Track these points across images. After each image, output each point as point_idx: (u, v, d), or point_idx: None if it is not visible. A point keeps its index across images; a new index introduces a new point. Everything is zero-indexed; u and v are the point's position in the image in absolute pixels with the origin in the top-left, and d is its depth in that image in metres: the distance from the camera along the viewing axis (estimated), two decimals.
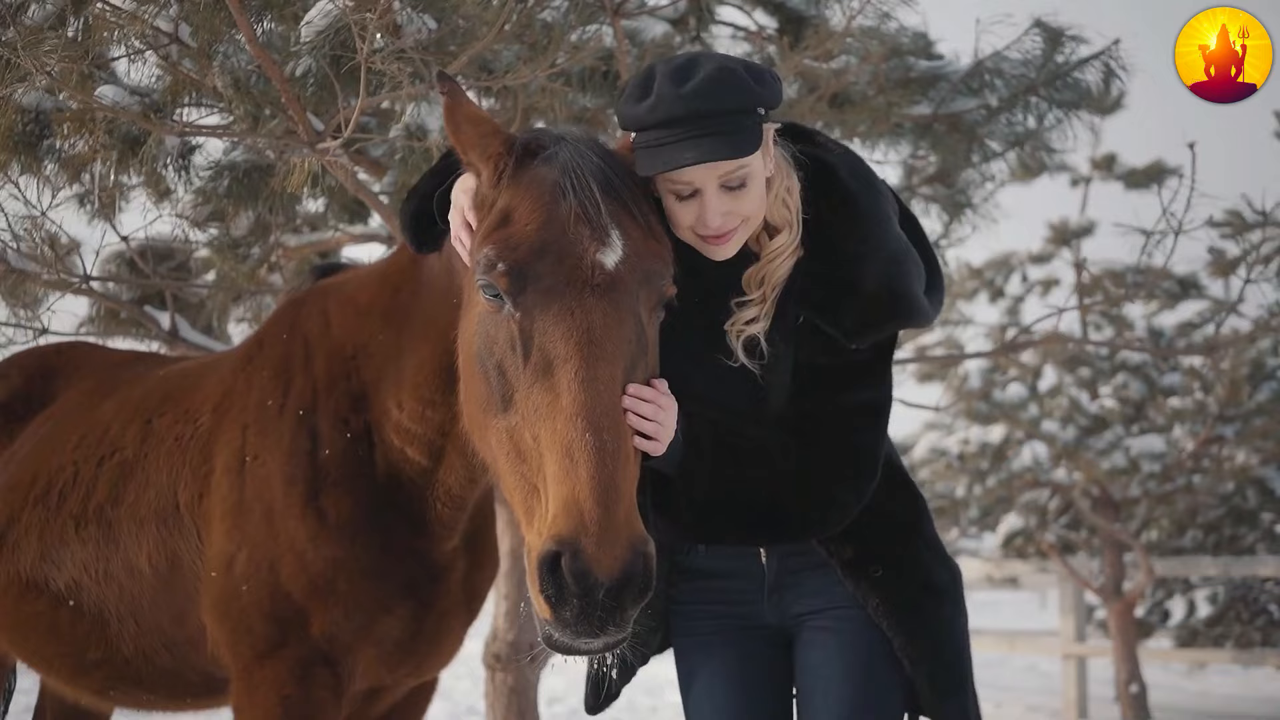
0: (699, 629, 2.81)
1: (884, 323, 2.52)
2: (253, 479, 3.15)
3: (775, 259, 2.53)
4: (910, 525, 2.73)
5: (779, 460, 2.51)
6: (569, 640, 2.21)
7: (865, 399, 2.56)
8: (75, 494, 3.50)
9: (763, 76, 2.47)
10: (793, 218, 2.54)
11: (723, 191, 2.45)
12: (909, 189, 6.34)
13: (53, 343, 4.75)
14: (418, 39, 3.60)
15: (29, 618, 3.57)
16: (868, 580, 2.65)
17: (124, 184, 5.16)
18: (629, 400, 2.34)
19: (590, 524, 2.15)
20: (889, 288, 2.49)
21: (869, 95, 5.06)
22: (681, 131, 2.39)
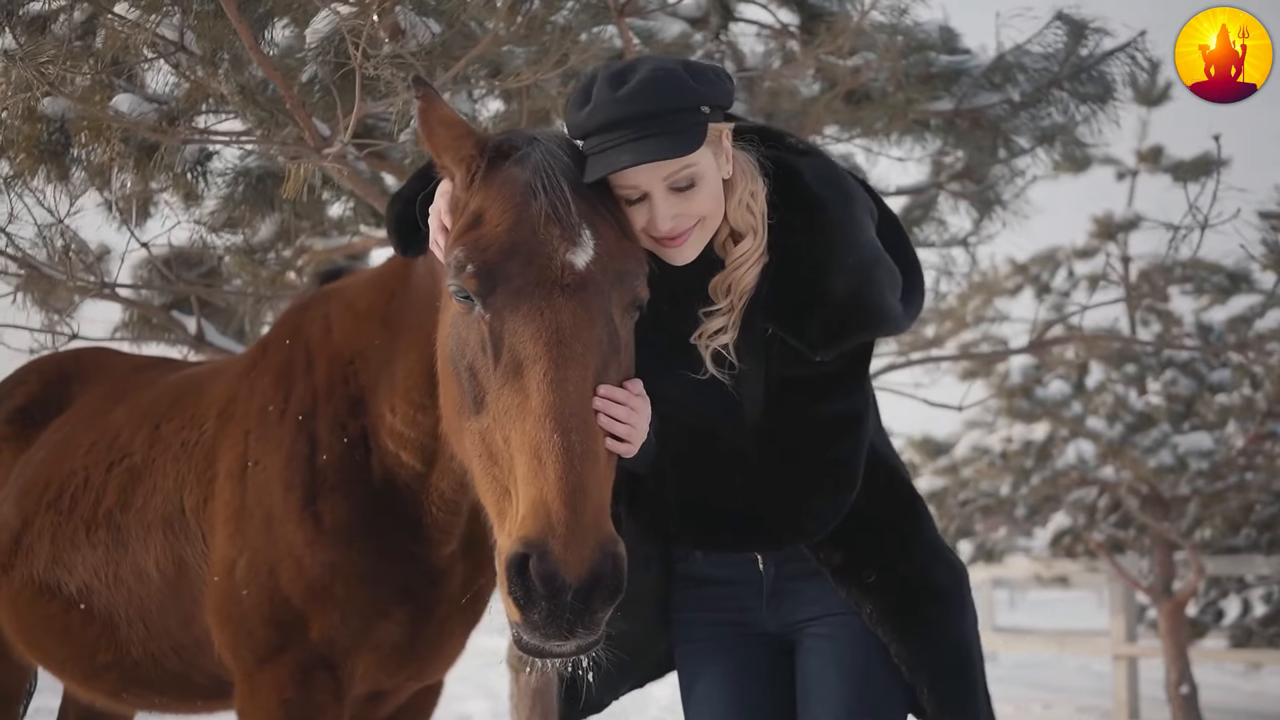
0: (699, 636, 2.78)
1: (850, 334, 2.46)
2: (254, 484, 3.17)
3: (740, 266, 2.49)
4: (905, 529, 2.68)
5: (755, 467, 2.48)
6: (539, 643, 2.19)
7: (840, 409, 2.51)
8: (86, 498, 3.54)
9: (704, 75, 2.44)
10: (757, 223, 2.49)
11: (671, 193, 2.42)
12: (937, 185, 6.28)
13: (71, 348, 4.80)
14: (421, 43, 3.61)
15: (42, 620, 3.62)
16: (860, 586, 2.60)
17: (141, 192, 5.24)
18: (600, 401, 2.32)
19: (557, 525, 2.13)
20: (856, 297, 2.43)
21: (888, 92, 5.00)
22: (620, 135, 2.37)
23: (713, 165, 2.44)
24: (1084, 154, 12.13)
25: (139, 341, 6.28)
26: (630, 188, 2.44)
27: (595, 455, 2.26)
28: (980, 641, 2.72)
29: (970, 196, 6.20)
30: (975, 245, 6.43)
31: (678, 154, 2.36)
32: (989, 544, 12.45)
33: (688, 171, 2.40)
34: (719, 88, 2.45)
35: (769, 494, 2.49)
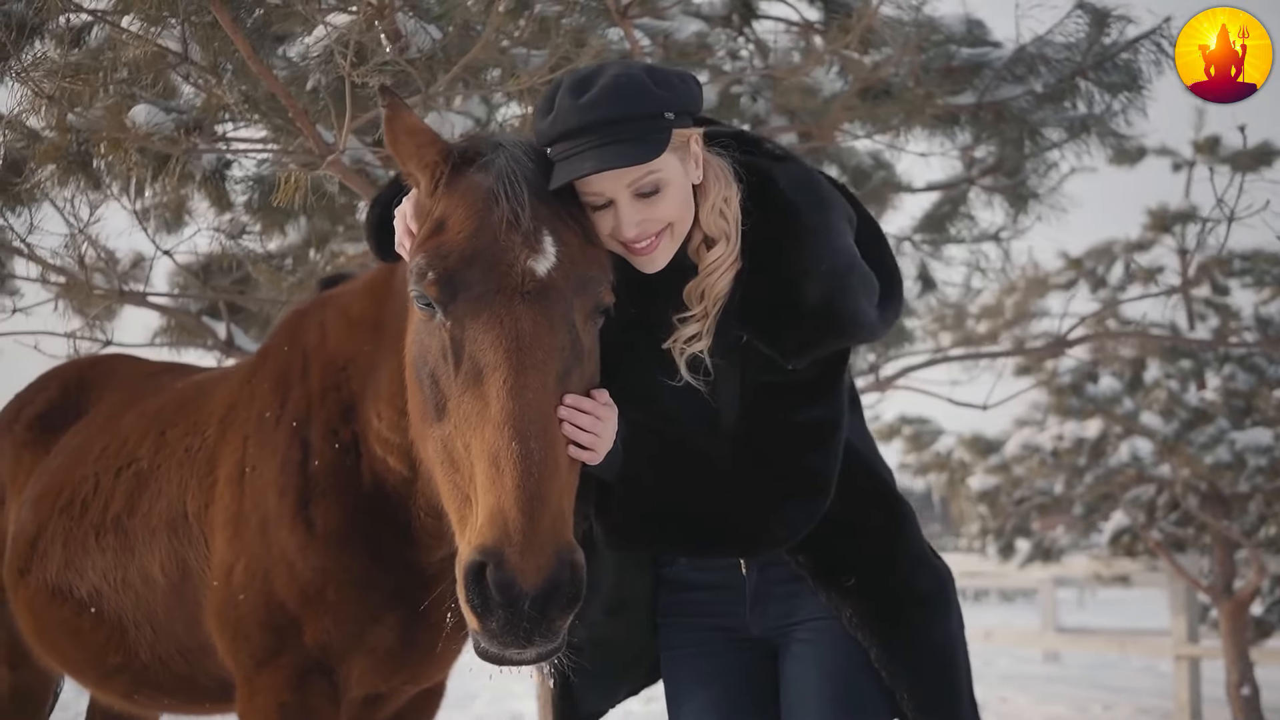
0: (684, 642, 2.77)
1: (823, 342, 2.43)
2: (251, 489, 3.20)
3: (713, 272, 2.47)
4: (886, 533, 2.65)
5: (727, 473, 2.46)
6: (498, 650, 2.19)
7: (815, 416, 2.48)
8: (96, 503, 3.60)
9: (668, 80, 2.42)
10: (730, 229, 2.47)
11: (636, 200, 2.41)
12: (968, 180, 6.20)
13: (89, 355, 4.89)
14: (421, 48, 3.62)
15: (56, 623, 3.69)
16: (839, 590, 2.58)
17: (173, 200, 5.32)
18: (565, 410, 2.32)
19: (514, 534, 2.13)
20: (829, 305, 2.40)
21: (908, 87, 4.94)
22: (583, 142, 2.36)
23: (679, 171, 2.43)
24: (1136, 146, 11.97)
25: (177, 347, 6.41)
26: (595, 194, 2.43)
27: (555, 463, 2.25)
28: (965, 646, 2.68)
29: (1003, 191, 6.10)
30: (1008, 240, 6.33)
31: (639, 161, 2.35)
32: (1046, 542, 12.24)
33: (652, 178, 2.39)
34: (684, 93, 2.43)
35: (741, 500, 2.47)
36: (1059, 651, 16.75)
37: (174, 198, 5.38)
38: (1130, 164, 11.77)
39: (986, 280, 6.53)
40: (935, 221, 6.24)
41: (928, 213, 6.28)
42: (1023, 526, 12.29)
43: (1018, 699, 12.78)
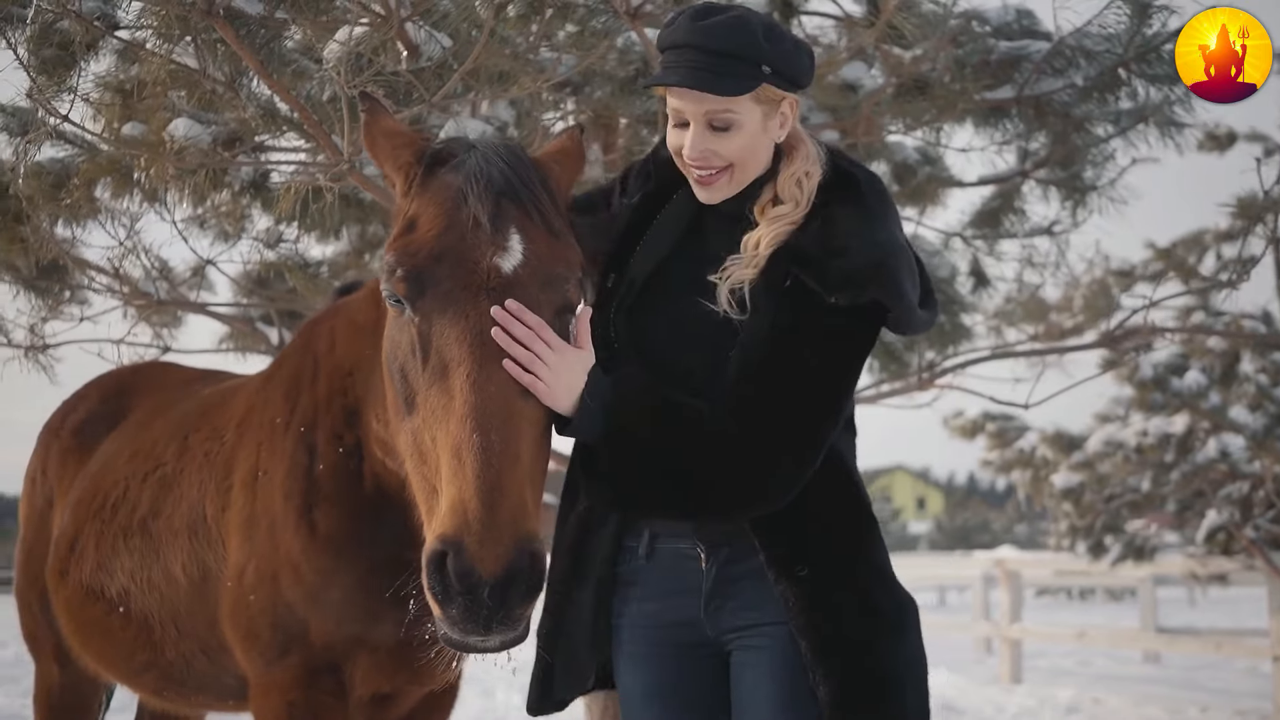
0: (637, 649, 2.75)
1: (865, 286, 2.45)
2: (261, 493, 3.30)
3: (775, 222, 2.55)
4: (850, 539, 2.62)
5: (725, 431, 2.45)
6: (459, 637, 2.22)
7: (826, 381, 2.49)
8: (125, 507, 3.74)
9: (779, 38, 2.52)
10: (802, 198, 2.56)
11: (708, 129, 2.51)
12: (1022, 174, 6.09)
13: (132, 363, 5.06)
14: (432, 57, 3.68)
15: (90, 622, 3.84)
16: (791, 579, 2.54)
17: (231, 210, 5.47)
18: (500, 314, 2.35)
19: (473, 523, 2.17)
20: (878, 263, 2.46)
21: (944, 82, 4.87)
22: (681, 57, 2.49)
23: (758, 121, 2.53)
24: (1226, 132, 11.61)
25: (241, 352, 6.60)
26: (676, 110, 2.55)
27: (515, 455, 2.29)
28: (919, 682, 2.60)
29: (1058, 184, 5.97)
30: (1064, 234, 6.18)
31: (717, 92, 2.46)
32: (1138, 540, 11.94)
33: (727, 115, 2.49)
34: (791, 58, 2.53)
35: (739, 457, 2.45)
36: (1159, 652, 16.34)
37: (233, 208, 5.51)
38: (1220, 150, 11.47)
39: (1045, 275, 6.39)
40: (988, 216, 6.13)
41: (979, 208, 6.16)
42: (1113, 524, 12.02)
43: (1112, 700, 12.49)
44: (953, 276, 6.36)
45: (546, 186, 2.55)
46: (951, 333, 6.41)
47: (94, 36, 4.10)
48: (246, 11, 3.44)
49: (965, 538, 46.48)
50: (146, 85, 4.01)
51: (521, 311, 2.38)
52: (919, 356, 6.60)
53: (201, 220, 5.78)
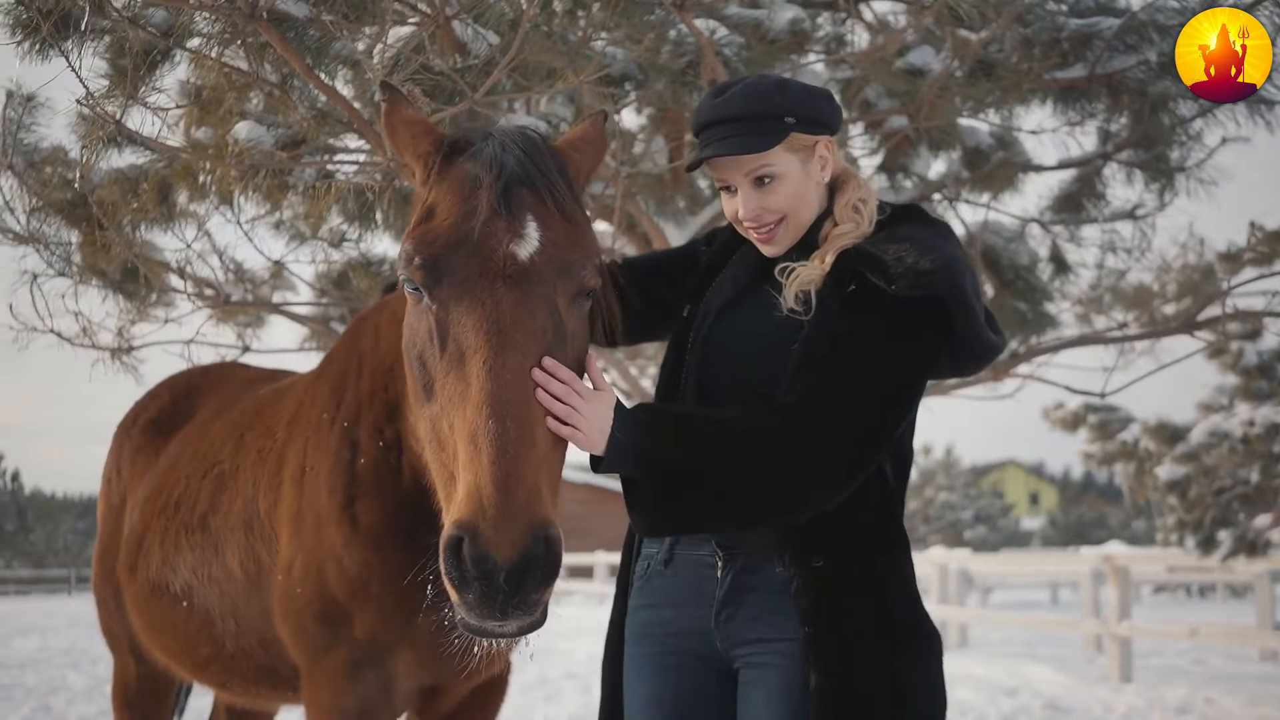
0: (644, 648, 2.75)
1: (926, 282, 2.46)
2: (308, 489, 3.34)
3: (838, 239, 2.64)
4: (874, 543, 2.57)
5: (774, 439, 2.43)
6: (476, 622, 2.23)
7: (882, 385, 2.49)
8: (186, 503, 3.83)
9: (793, 91, 2.65)
10: (863, 220, 2.66)
11: (753, 188, 2.66)
12: (1103, 156, 5.91)
13: (203, 364, 5.16)
14: (478, 54, 3.69)
15: (157, 616, 3.94)
16: (805, 569, 2.51)
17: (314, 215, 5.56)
18: (539, 375, 2.36)
19: (489, 509, 2.17)
20: (940, 267, 2.49)
21: (1011, 62, 4.74)
22: (713, 133, 2.66)
23: (797, 169, 2.66)
24: None
25: (323, 351, 6.71)
26: (721, 179, 2.72)
27: (531, 441, 2.28)
28: (930, 704, 2.53)
29: (1142, 166, 5.79)
30: (1147, 217, 5.99)
31: (749, 151, 2.61)
32: (1250, 535, 11.54)
33: (766, 169, 2.64)
34: (810, 104, 2.66)
35: (787, 447, 2.43)
36: (1277, 650, 15.76)
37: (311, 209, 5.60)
38: None
39: (1130, 260, 6.20)
40: (1068, 201, 5.96)
41: (1057, 193, 6.00)
42: (1223, 518, 11.64)
43: (1226, 700, 12.08)
44: (1033, 264, 6.22)
45: (564, 173, 2.55)
46: (1034, 321, 6.26)
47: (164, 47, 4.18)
48: (293, 14, 3.48)
49: (1080, 534, 45.49)
50: (206, 90, 4.08)
51: (556, 368, 2.38)
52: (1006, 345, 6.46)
53: (278, 222, 5.89)
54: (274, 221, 5.91)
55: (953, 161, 5.85)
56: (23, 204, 5.65)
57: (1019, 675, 14.30)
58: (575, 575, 32.42)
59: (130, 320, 6.34)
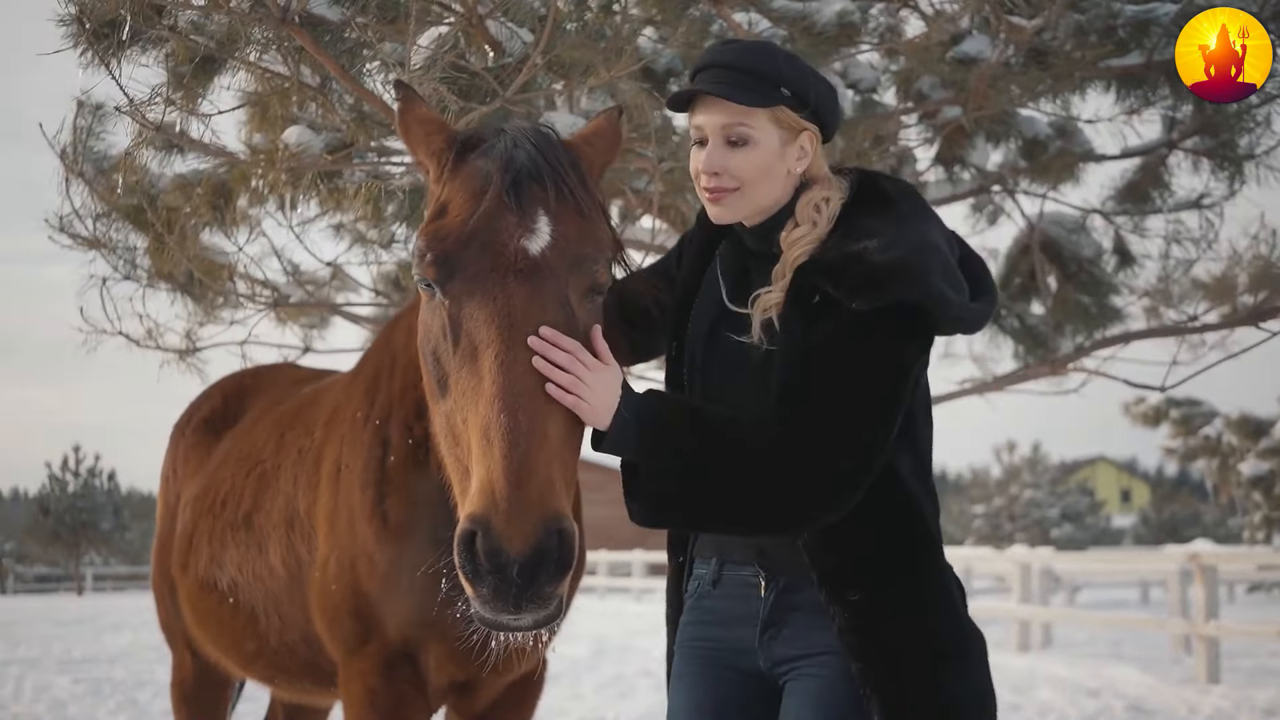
0: (690, 666, 2.73)
1: (888, 287, 2.38)
2: (343, 486, 3.39)
3: (794, 246, 2.55)
4: (905, 561, 2.53)
5: (775, 444, 2.40)
6: (491, 615, 2.23)
7: (871, 388, 2.43)
8: (232, 502, 3.90)
9: (799, 67, 2.59)
10: (821, 219, 2.57)
11: (725, 146, 2.56)
12: (1169, 144, 5.77)
13: (256, 365, 5.25)
14: (511, 52, 3.71)
15: (206, 613, 4.02)
16: (843, 603, 2.48)
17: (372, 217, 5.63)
18: (538, 344, 2.35)
19: (501, 502, 2.17)
20: (903, 261, 2.40)
21: (1066, 49, 4.64)
22: (706, 75, 2.60)
23: (773, 143, 2.57)
24: None
25: None
26: (697, 126, 2.61)
27: (543, 435, 2.28)
28: (980, 715, 2.50)
29: (1208, 153, 5.64)
30: (1214, 206, 5.82)
31: (733, 99, 2.53)
32: None
33: (742, 129, 2.54)
34: (812, 88, 2.58)
35: (789, 471, 2.39)
36: None
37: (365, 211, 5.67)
38: None
39: (1197, 251, 6.02)
40: (1131, 191, 5.82)
41: (1120, 182, 5.86)
42: None
43: None
44: (1097, 256, 6.08)
45: (576, 168, 2.55)
46: (1098, 315, 6.13)
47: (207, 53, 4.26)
48: (327, 18, 3.52)
49: (1173, 531, 44.49)
50: (254, 96, 4.14)
51: (557, 337, 2.37)
52: (1069, 339, 6.34)
53: (338, 224, 5.97)
54: (334, 224, 5.99)
55: (1009, 152, 5.74)
56: (90, 210, 5.79)
57: (1102, 676, 14.03)
58: (655, 573, 32.45)
59: (198, 322, 6.47)
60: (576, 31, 3.66)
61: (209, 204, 4.82)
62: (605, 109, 2.87)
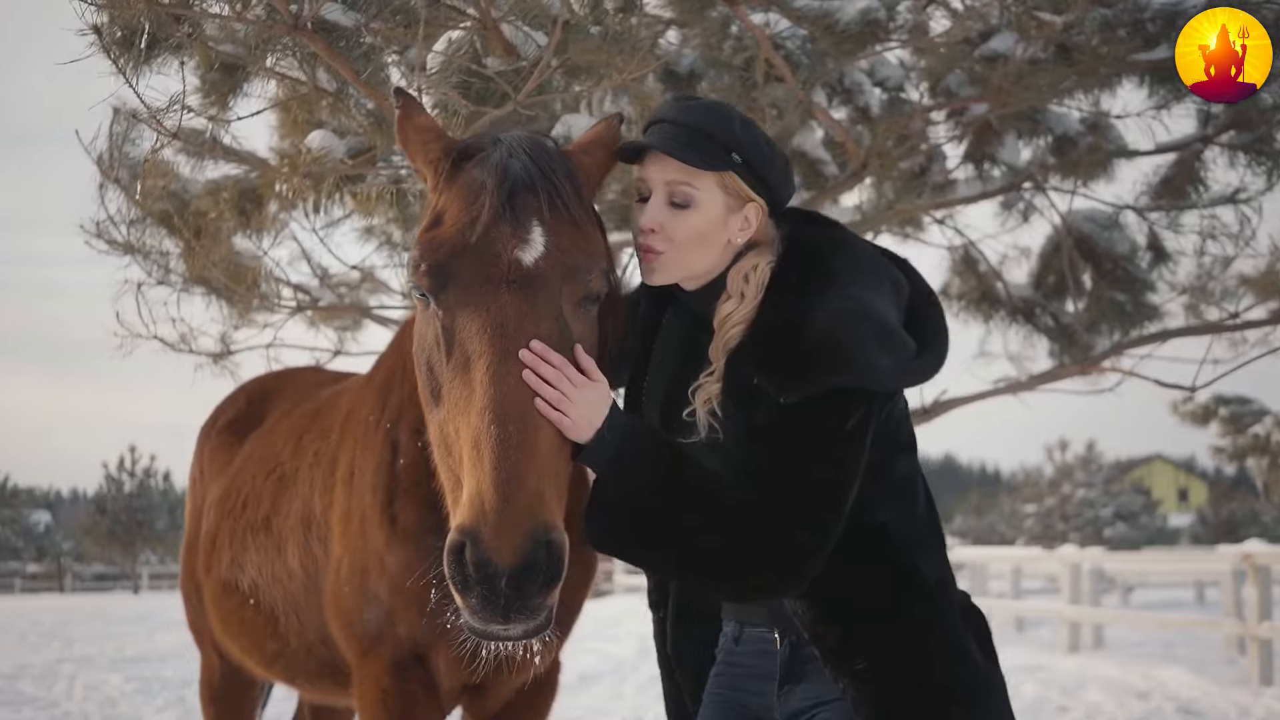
0: (710, 710, 2.74)
1: (813, 374, 2.34)
2: (356, 490, 3.41)
3: (723, 325, 2.52)
4: (906, 618, 2.49)
5: (731, 504, 2.38)
6: (481, 626, 2.23)
7: (819, 468, 2.38)
8: (252, 504, 3.94)
9: (753, 134, 2.55)
10: (749, 290, 2.52)
11: (667, 204, 2.53)
12: (1203, 139, 5.67)
13: (279, 368, 5.29)
14: (526, 56, 3.71)
15: (229, 614, 4.06)
16: (850, 674, 2.47)
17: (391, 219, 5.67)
18: (528, 357, 2.34)
19: (490, 513, 2.17)
20: (828, 337, 2.34)
21: (1092, 44, 4.57)
22: (658, 130, 2.57)
23: (717, 210, 2.53)
24: None
25: None
26: (643, 181, 2.59)
27: (534, 446, 2.28)
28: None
29: (1244, 147, 5.53)
30: (1253, 200, 5.71)
31: (679, 158, 2.49)
32: None
33: (686, 189, 2.52)
34: (764, 155, 2.55)
35: (736, 536, 2.37)
36: None
37: (395, 215, 5.71)
38: None
39: (1235, 247, 5.90)
40: (1167, 186, 5.73)
41: (1153, 178, 5.77)
42: None
43: None
44: (1132, 253, 5.99)
45: (572, 178, 2.53)
46: (1133, 312, 6.04)
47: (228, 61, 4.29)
48: (342, 23, 3.53)
49: (1231, 531, 43.79)
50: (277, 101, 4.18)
51: (546, 351, 2.37)
52: (1106, 337, 6.25)
53: (368, 228, 6.01)
54: (364, 227, 6.03)
55: (1038, 148, 5.66)
56: (124, 215, 5.87)
57: (1153, 678, 13.85)
58: None
59: (233, 325, 6.54)
60: (596, 34, 3.64)
61: (235, 209, 4.87)
62: (605, 116, 2.85)
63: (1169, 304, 6.27)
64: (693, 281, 2.60)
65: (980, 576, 23.62)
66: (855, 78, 5.16)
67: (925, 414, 6.00)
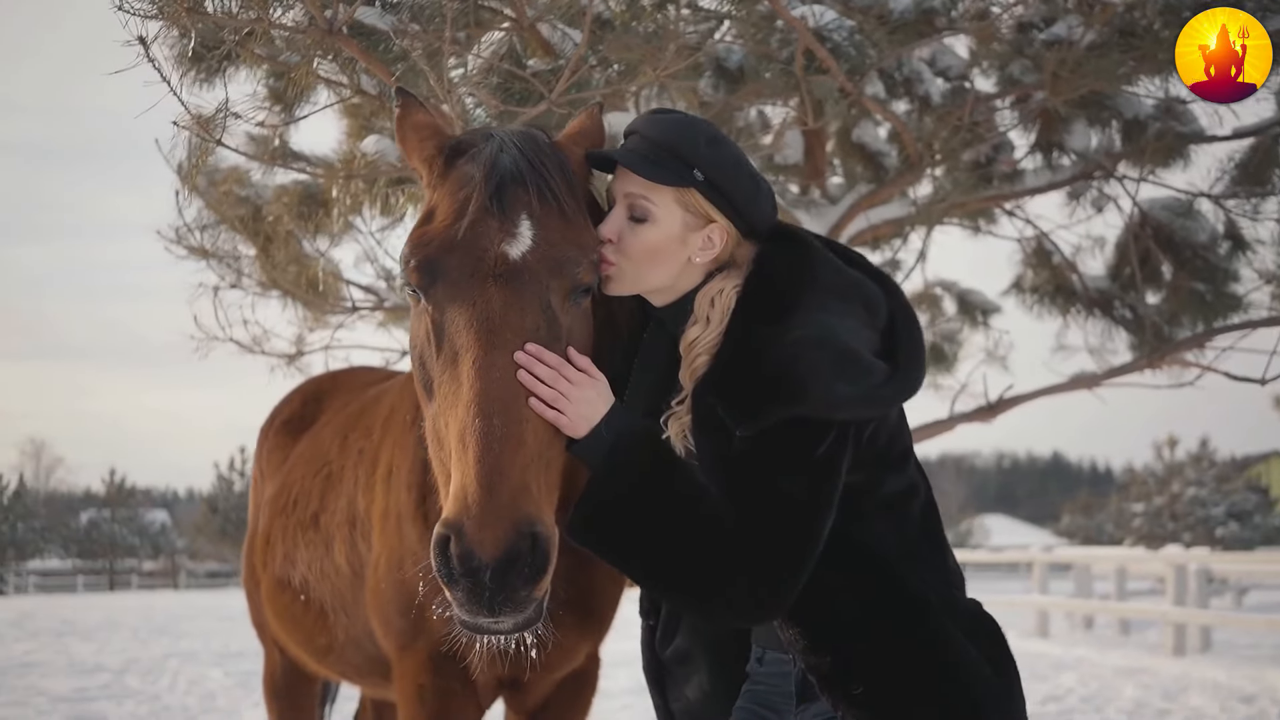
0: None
1: (766, 408, 2.33)
2: (394, 487, 3.45)
3: (689, 353, 2.52)
4: (901, 638, 2.45)
5: (704, 520, 2.36)
6: (469, 619, 2.25)
7: (785, 494, 2.35)
8: (302, 502, 4.02)
9: (723, 149, 2.53)
10: (714, 315, 2.50)
11: (628, 217, 2.54)
12: None
13: (334, 369, 5.38)
14: (562, 53, 3.72)
15: (282, 609, 4.15)
16: (847, 699, 2.44)
17: None
18: (522, 358, 2.35)
19: (473, 506, 2.19)
20: (784, 371, 2.32)
21: (1153, 28, 4.44)
22: (630, 141, 2.59)
23: (675, 227, 2.52)
24: None
25: None
26: (613, 192, 2.59)
27: (519, 439, 2.28)
28: None
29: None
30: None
31: (638, 172, 2.50)
32: None
33: (644, 203, 2.51)
34: (731, 175, 2.52)
35: (705, 555, 2.36)
36: None
37: None
38: None
39: None
40: (1246, 172, 5.52)
41: (1228, 164, 5.57)
42: None
43: None
44: (1212, 241, 5.80)
45: (563, 170, 2.54)
46: (1214, 304, 5.85)
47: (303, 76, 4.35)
48: (379, 27, 3.57)
49: None
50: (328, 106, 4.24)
51: (541, 352, 2.38)
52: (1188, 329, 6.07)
53: None
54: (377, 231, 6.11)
55: (1105, 136, 5.50)
56: (198, 221, 6.02)
57: (1261, 681, 13.45)
58: None
59: (308, 327, 6.66)
60: (631, 30, 3.64)
61: (296, 212, 4.96)
62: (588, 105, 2.85)
63: (1253, 294, 6.05)
64: (656, 296, 2.60)
65: (1085, 578, 23.11)
66: (914, 67, 5.07)
67: (990, 410, 5.88)
